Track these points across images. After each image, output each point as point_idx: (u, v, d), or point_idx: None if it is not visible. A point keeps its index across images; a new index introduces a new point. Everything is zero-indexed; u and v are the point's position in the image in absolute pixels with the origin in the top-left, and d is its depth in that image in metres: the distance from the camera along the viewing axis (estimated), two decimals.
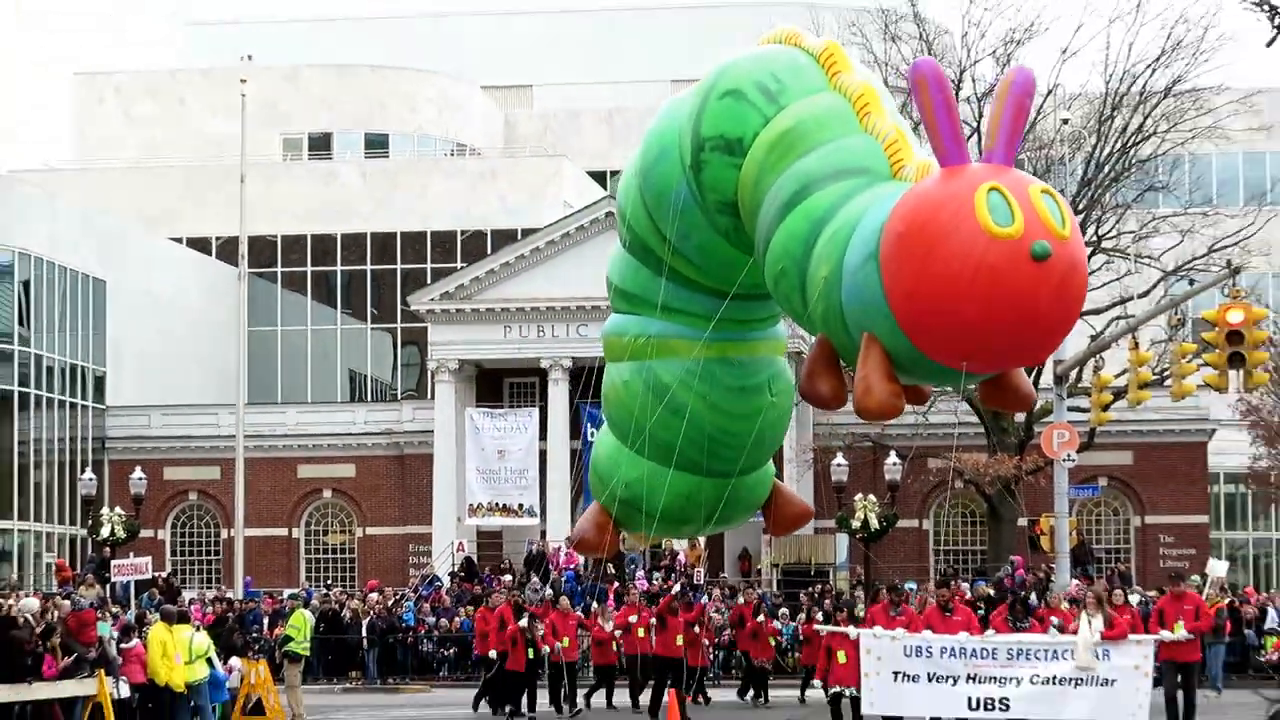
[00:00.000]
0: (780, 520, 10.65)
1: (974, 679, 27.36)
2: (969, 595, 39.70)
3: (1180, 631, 28.56)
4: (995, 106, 8.22)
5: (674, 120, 10.22)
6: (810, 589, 49.39)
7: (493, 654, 35.96)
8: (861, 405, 8.73)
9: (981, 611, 34.52)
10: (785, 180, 9.05)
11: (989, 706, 27.28)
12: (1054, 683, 27.19)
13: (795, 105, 9.40)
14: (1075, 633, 27.84)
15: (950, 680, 27.41)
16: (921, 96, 8.11)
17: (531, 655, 35.72)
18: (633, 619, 37.85)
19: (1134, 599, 36.68)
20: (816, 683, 32.56)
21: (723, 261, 10.00)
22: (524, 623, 35.65)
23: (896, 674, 27.61)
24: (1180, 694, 29.48)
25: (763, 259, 9.23)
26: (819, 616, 39.13)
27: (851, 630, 29.54)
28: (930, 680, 27.50)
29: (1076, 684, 27.15)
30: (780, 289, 9.19)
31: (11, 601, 33.32)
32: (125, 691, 30.53)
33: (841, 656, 29.39)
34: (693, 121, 9.87)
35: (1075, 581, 43.26)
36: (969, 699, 27.32)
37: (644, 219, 10.53)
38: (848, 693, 29.25)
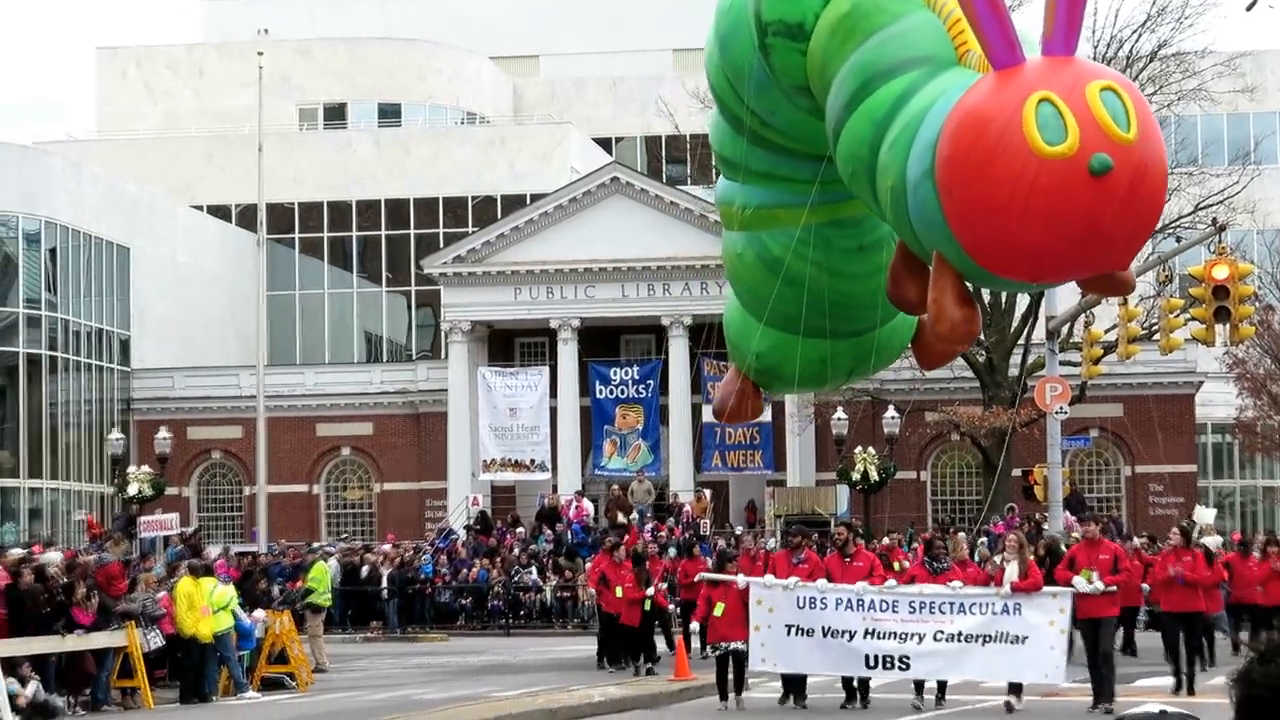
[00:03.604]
0: (929, 357, 9.60)
1: (873, 634, 24.71)
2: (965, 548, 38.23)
3: (1096, 583, 24.82)
4: None
5: None
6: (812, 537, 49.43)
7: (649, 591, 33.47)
8: (934, 331, 8.15)
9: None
10: (847, 74, 8.31)
11: (888, 665, 24.84)
12: (959, 639, 24.54)
13: None
14: (998, 582, 25.30)
15: (846, 635, 24.81)
16: (963, 5, 7.48)
17: (647, 608, 33.91)
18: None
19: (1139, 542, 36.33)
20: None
21: (814, 132, 9.08)
22: (650, 591, 33.62)
23: (789, 627, 25.09)
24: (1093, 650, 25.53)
25: (836, 155, 8.57)
26: (708, 564, 33.82)
27: (741, 579, 26.26)
28: (825, 635, 24.91)
29: (985, 641, 24.42)
30: (857, 189, 8.53)
31: (36, 555, 33.56)
32: (157, 643, 30.67)
33: (719, 609, 26.08)
34: (754, 3, 9.06)
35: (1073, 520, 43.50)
36: (867, 656, 24.80)
37: (729, 91, 9.67)
38: (730, 647, 25.93)
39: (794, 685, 26.09)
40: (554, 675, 34.24)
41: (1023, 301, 54.54)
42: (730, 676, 26.10)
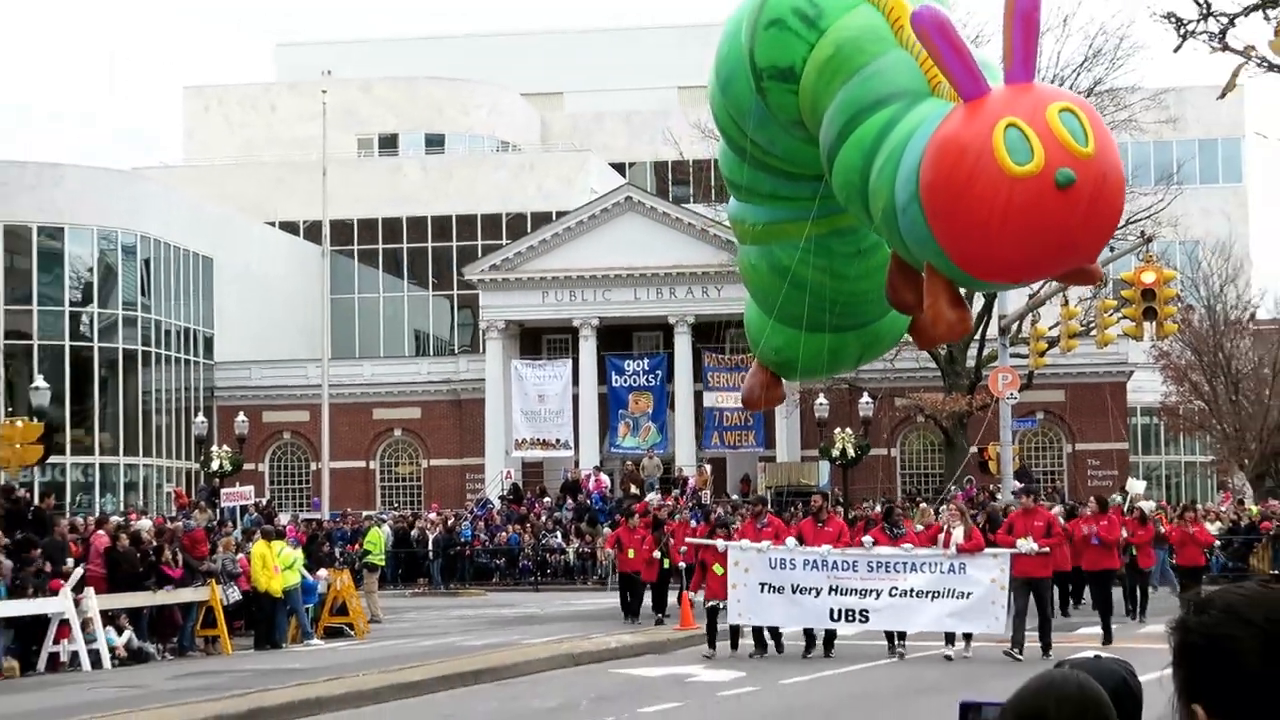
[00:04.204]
0: (925, 340, 9.53)
1: (836, 590, 24.77)
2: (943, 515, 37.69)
3: (1030, 544, 24.74)
4: (1005, 26, 7.29)
5: (736, 41, 9.25)
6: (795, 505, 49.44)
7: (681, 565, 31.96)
8: (933, 332, 8.03)
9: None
10: (835, 110, 8.21)
11: (849, 618, 24.91)
12: (911, 595, 24.61)
13: (834, 28, 8.40)
14: (945, 545, 25.16)
15: (813, 592, 24.86)
16: (928, 46, 7.38)
17: (666, 566, 33.66)
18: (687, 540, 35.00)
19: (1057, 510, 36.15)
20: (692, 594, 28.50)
21: (809, 158, 8.98)
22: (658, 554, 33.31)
23: (762, 585, 25.07)
24: (1036, 609, 25.09)
25: (831, 182, 8.48)
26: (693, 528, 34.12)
27: (720, 543, 26.12)
28: (794, 591, 24.93)
29: (934, 596, 24.52)
30: (853, 210, 8.44)
31: (132, 523, 33.67)
32: (235, 597, 30.77)
33: (718, 569, 25.96)
34: (748, 52, 8.94)
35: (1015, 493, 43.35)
36: (830, 610, 24.89)
37: (732, 126, 9.51)
38: (720, 604, 25.94)
39: (765, 637, 26.00)
40: (576, 625, 34.21)
41: (979, 302, 54.47)
42: (721, 628, 26.09)
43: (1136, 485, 49.84)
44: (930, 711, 18.46)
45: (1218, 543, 35.69)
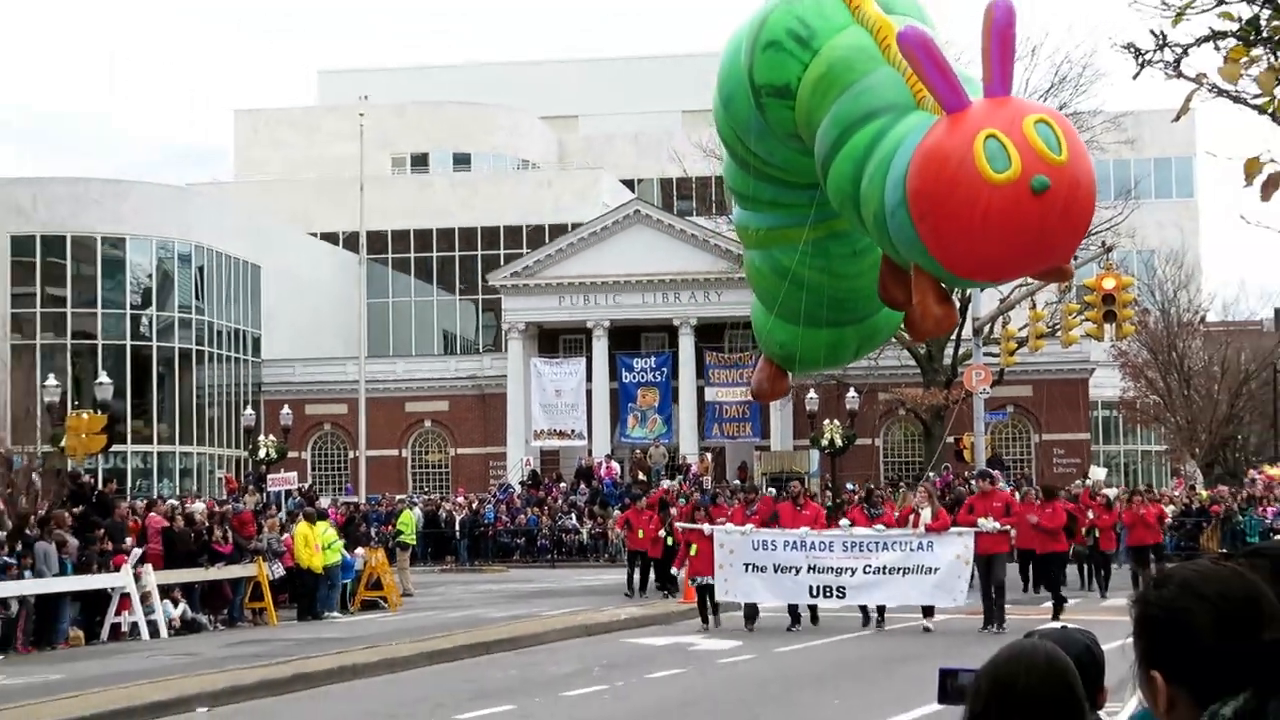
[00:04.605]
0: (918, 334, 9.38)
1: (814, 569, 24.67)
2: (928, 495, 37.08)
3: (990, 523, 24.72)
4: (983, 44, 7.16)
5: (736, 61, 9.07)
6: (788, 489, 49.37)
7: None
8: (921, 327, 7.86)
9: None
10: (829, 124, 8.08)
11: (827, 594, 24.77)
12: (884, 572, 24.48)
13: (826, 48, 8.27)
14: (914, 525, 24.98)
15: (793, 571, 24.75)
16: (913, 62, 7.27)
17: (670, 544, 32.42)
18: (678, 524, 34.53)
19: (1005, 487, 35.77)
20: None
21: (806, 167, 8.81)
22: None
23: (747, 565, 24.95)
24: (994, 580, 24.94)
25: (826, 190, 8.34)
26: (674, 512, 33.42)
27: (706, 527, 25.88)
28: (776, 571, 24.80)
29: (904, 573, 24.39)
30: (846, 215, 8.30)
31: (186, 505, 33.67)
32: (280, 573, 30.78)
33: (693, 550, 25.94)
34: (747, 71, 8.79)
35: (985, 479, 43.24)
36: (810, 587, 24.76)
37: (735, 140, 9.36)
38: (704, 581, 25.82)
39: (751, 612, 25.76)
40: (589, 599, 34.20)
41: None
42: (708, 603, 26.03)
43: (1098, 472, 49.91)
44: (912, 677, 18.43)
45: (1169, 519, 35.57)
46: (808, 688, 18.87)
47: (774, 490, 37.77)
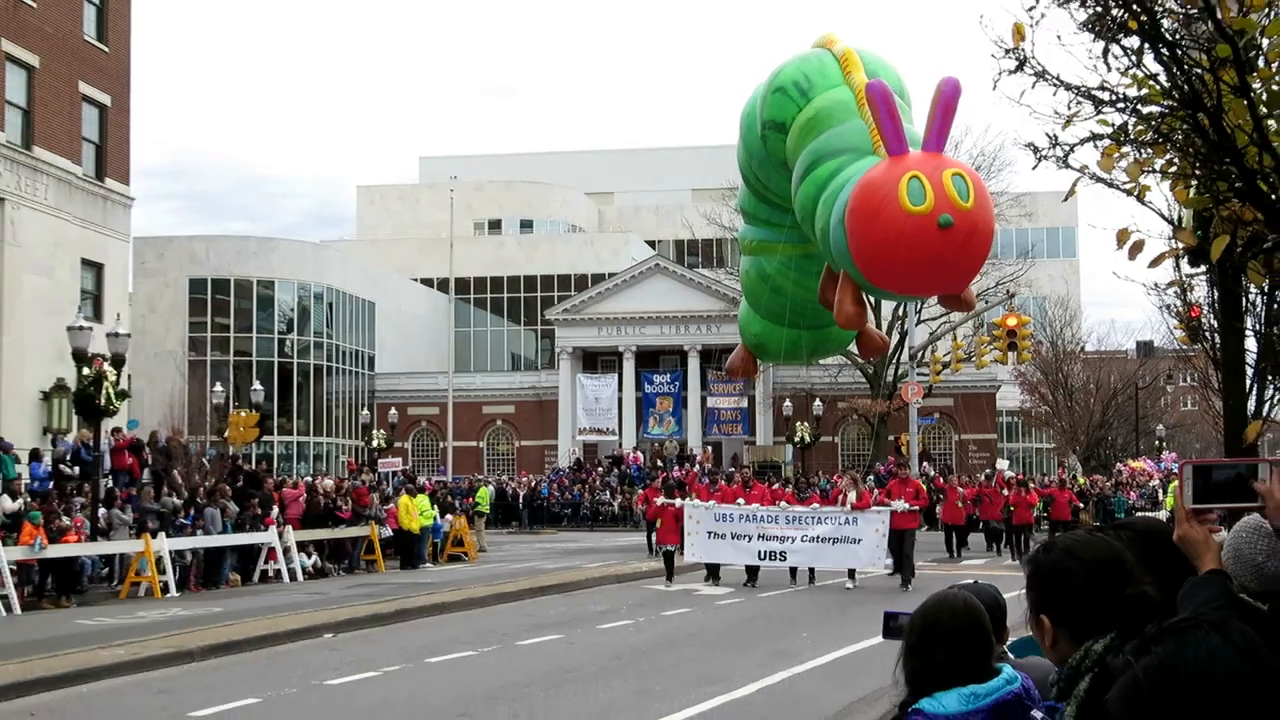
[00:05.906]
0: (868, 348, 9.09)
1: (763, 537, 24.25)
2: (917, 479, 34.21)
3: (901, 504, 24.22)
4: (930, 109, 6.86)
5: (753, 105, 8.72)
6: (770, 476, 49.26)
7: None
8: (837, 320, 7.57)
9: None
10: (804, 155, 7.85)
11: (773, 557, 24.24)
12: (817, 541, 24.03)
13: (818, 98, 8.02)
14: (841, 504, 24.44)
15: (747, 538, 24.31)
16: (873, 109, 7.00)
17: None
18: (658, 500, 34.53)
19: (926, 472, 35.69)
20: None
21: (790, 192, 8.42)
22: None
23: (710, 533, 24.48)
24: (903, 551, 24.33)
25: (795, 208, 8.06)
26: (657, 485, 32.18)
27: (678, 501, 25.36)
28: (733, 538, 24.39)
29: (834, 542, 23.96)
30: (806, 229, 7.99)
31: (318, 482, 33.69)
32: (387, 533, 30.80)
33: (658, 522, 25.52)
34: (759, 109, 8.50)
35: (919, 471, 43.08)
36: (759, 551, 24.32)
37: (748, 169, 9.03)
38: (668, 549, 25.25)
39: (713, 570, 25.27)
40: (619, 554, 34.13)
41: (894, 337, 54.20)
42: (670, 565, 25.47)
43: (1003, 464, 49.52)
44: (863, 617, 18.37)
45: (1040, 503, 34.58)
46: (783, 624, 18.83)
47: (729, 473, 37.02)
